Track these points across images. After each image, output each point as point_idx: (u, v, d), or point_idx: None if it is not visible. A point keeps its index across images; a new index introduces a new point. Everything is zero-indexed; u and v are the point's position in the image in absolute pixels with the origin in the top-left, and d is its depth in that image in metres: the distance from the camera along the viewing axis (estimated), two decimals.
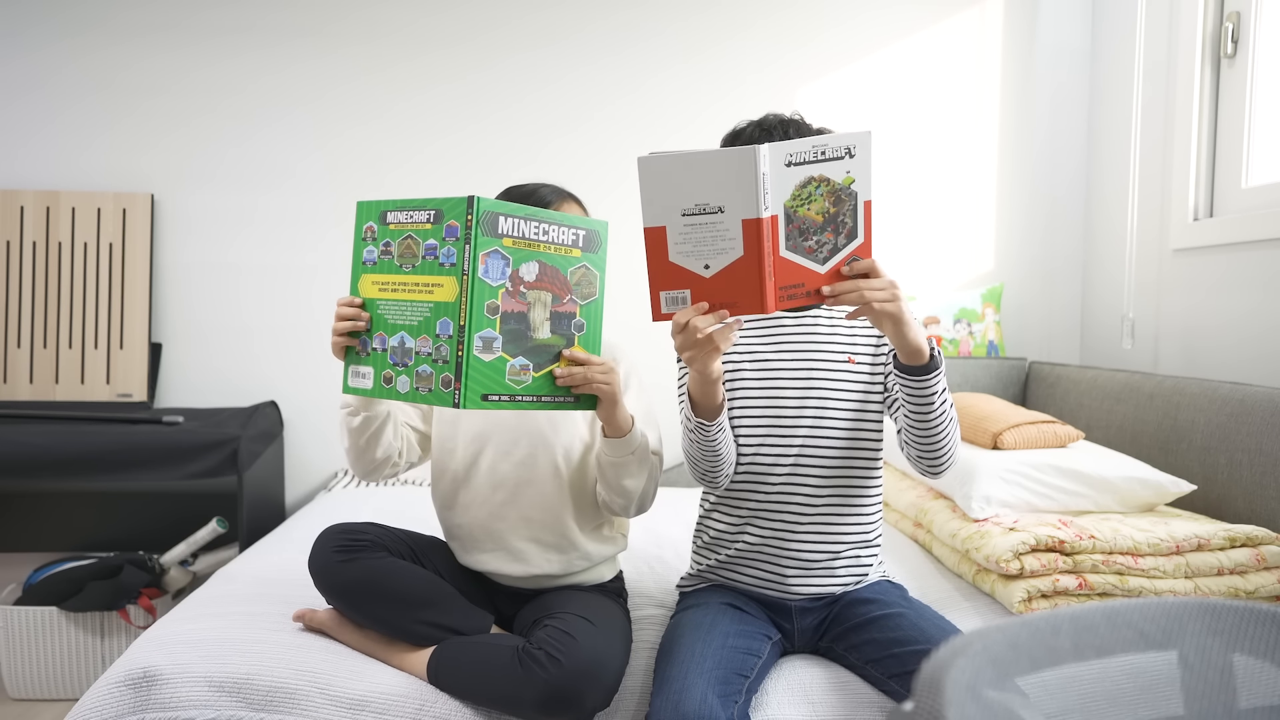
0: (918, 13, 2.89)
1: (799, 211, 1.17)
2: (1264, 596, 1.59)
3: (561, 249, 1.28)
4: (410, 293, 1.26)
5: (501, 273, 1.22)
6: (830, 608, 1.46)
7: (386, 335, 1.29)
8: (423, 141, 2.87)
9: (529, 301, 1.25)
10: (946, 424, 1.33)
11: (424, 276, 1.24)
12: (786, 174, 1.15)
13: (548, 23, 2.87)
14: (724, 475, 1.43)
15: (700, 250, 1.19)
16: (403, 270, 1.27)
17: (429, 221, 1.23)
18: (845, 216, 1.19)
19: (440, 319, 1.22)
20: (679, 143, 2.86)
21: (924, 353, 1.25)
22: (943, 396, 1.30)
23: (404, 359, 1.26)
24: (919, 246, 2.90)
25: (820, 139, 1.16)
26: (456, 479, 1.53)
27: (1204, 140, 2.29)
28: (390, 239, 1.28)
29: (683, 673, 1.25)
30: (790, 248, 1.18)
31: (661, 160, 1.17)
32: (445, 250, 1.22)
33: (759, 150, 1.13)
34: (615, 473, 1.41)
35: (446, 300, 1.21)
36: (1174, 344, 2.37)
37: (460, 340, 1.20)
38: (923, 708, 0.66)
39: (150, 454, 2.36)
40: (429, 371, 1.23)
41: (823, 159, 1.16)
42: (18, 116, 2.80)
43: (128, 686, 1.33)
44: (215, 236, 2.87)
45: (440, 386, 1.22)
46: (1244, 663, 0.76)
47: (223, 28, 2.83)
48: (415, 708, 1.33)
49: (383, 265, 1.29)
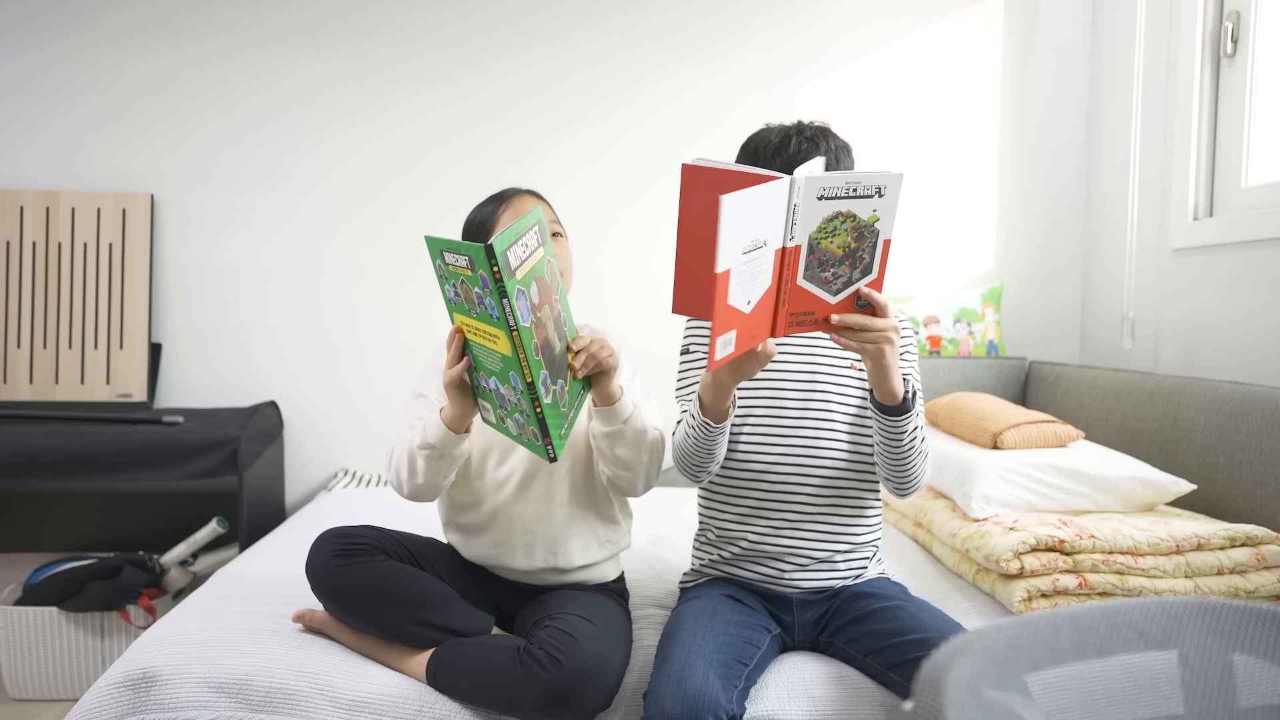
0: (917, 12, 2.89)
1: (822, 244, 1.18)
2: (1264, 596, 1.59)
3: (534, 256, 1.22)
4: (484, 339, 1.23)
5: (527, 311, 1.18)
6: (830, 602, 1.47)
7: (485, 376, 1.28)
8: (418, 140, 2.87)
9: (544, 324, 1.23)
10: (914, 458, 1.39)
11: (484, 325, 1.21)
12: (817, 206, 1.15)
13: (542, 22, 2.87)
14: (709, 472, 1.46)
15: (746, 287, 1.14)
16: (472, 315, 1.23)
17: (468, 268, 1.17)
18: (864, 253, 1.21)
19: (510, 371, 1.21)
20: (674, 142, 2.87)
21: (897, 397, 1.31)
22: (912, 435, 1.36)
23: (504, 404, 1.27)
24: (919, 246, 2.90)
25: (854, 175, 1.16)
26: (464, 478, 1.54)
27: (1204, 140, 2.29)
28: (454, 280, 1.23)
29: (685, 654, 1.26)
30: (808, 277, 1.20)
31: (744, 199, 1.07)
32: (489, 301, 1.16)
33: (796, 181, 1.13)
34: (609, 443, 1.41)
35: (506, 354, 1.19)
36: (1174, 344, 2.37)
37: (534, 399, 1.19)
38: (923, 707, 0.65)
39: (150, 454, 2.36)
40: (521, 420, 1.25)
41: (853, 195, 1.16)
42: (16, 116, 2.80)
43: (127, 687, 1.33)
44: (215, 236, 2.87)
45: (532, 439, 1.24)
46: (1244, 662, 0.76)
47: (219, 27, 2.83)
48: (414, 709, 1.33)
49: (459, 307, 1.25)
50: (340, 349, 2.90)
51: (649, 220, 2.83)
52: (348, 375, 2.90)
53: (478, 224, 1.52)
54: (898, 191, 1.17)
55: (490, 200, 1.53)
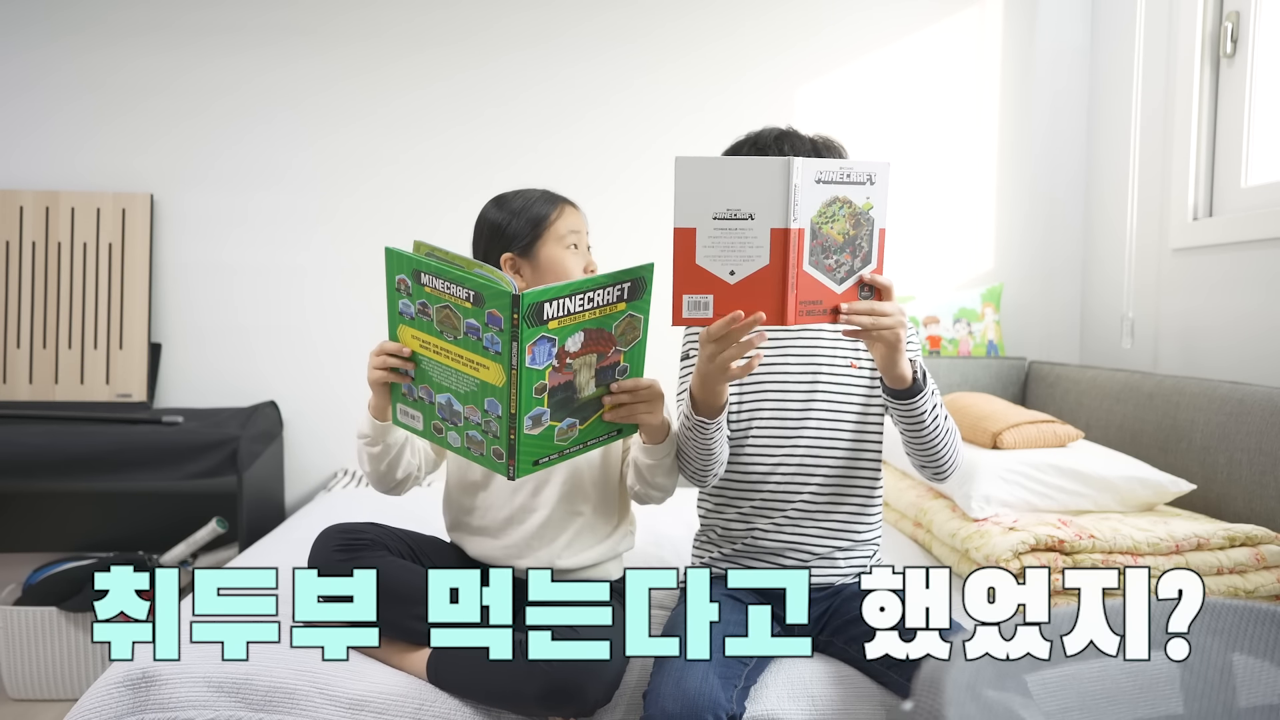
0: (917, 12, 2.89)
1: (823, 229, 1.22)
2: (1264, 596, 1.59)
3: (606, 309, 1.21)
4: (455, 362, 1.22)
5: (548, 355, 1.18)
6: (830, 601, 1.47)
7: (433, 390, 1.27)
8: (416, 139, 2.87)
9: (575, 369, 1.22)
10: (942, 436, 1.39)
11: (468, 352, 1.19)
12: (815, 190, 1.20)
13: (540, 22, 2.87)
14: (713, 475, 1.45)
15: (728, 255, 1.20)
16: (444, 338, 1.22)
17: (468, 301, 1.16)
18: (862, 240, 1.24)
19: (488, 398, 1.20)
20: (671, 141, 2.87)
21: (907, 379, 1.32)
22: (934, 414, 1.36)
23: (452, 419, 1.26)
24: (919, 246, 2.90)
25: (846, 161, 1.21)
26: (476, 487, 1.54)
27: (1203, 140, 2.29)
28: (427, 301, 1.21)
29: (684, 654, 1.25)
30: (813, 263, 1.22)
31: (699, 162, 1.19)
32: (489, 336, 1.16)
33: (794, 162, 1.18)
34: (652, 473, 1.44)
35: (493, 383, 1.18)
36: (1173, 344, 2.37)
37: (511, 426, 1.19)
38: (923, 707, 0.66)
39: (150, 454, 2.36)
40: (479, 438, 1.24)
41: (848, 181, 1.21)
42: (16, 116, 2.80)
43: (127, 687, 1.33)
44: (215, 236, 2.86)
45: (492, 456, 1.23)
46: (1243, 662, 0.77)
47: (218, 27, 2.83)
48: (415, 707, 1.33)
49: (421, 324, 1.24)
50: (340, 349, 2.90)
51: (647, 219, 2.82)
52: (347, 375, 2.90)
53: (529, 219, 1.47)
54: (887, 180, 1.23)
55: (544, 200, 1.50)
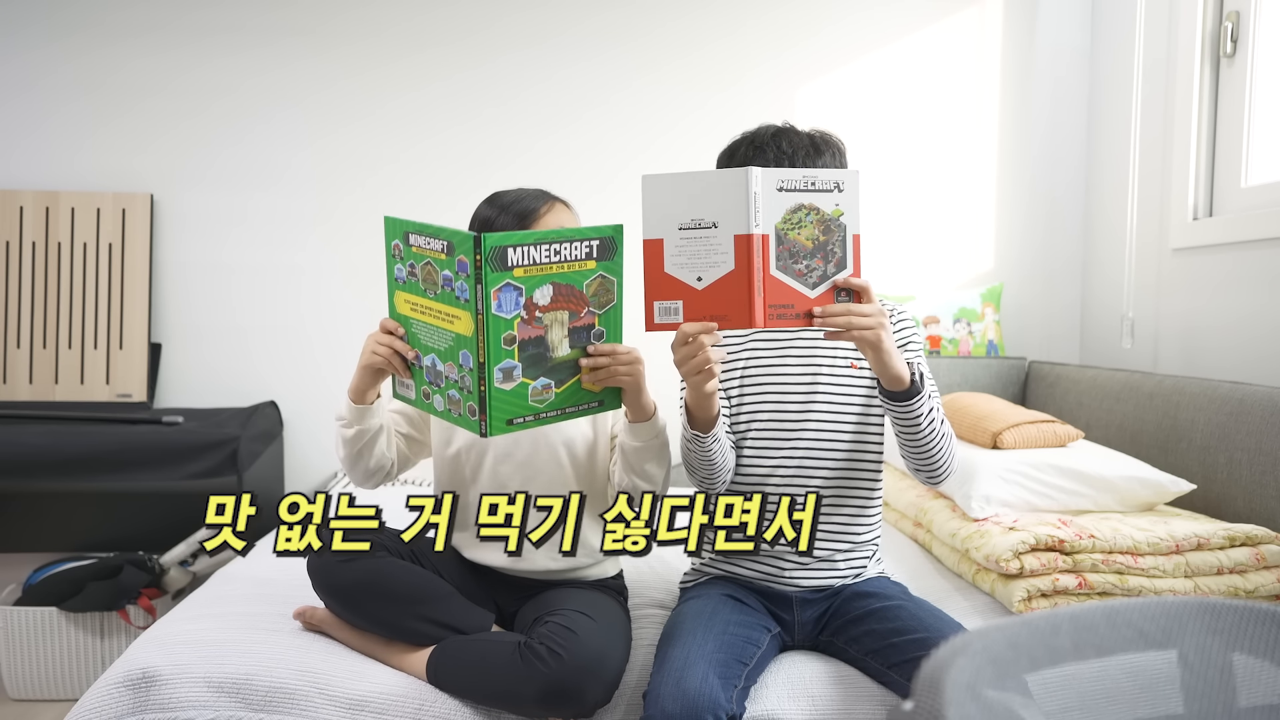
0: (917, 11, 2.89)
1: (789, 235, 1.25)
2: (1264, 596, 1.59)
3: (574, 264, 1.27)
4: (435, 318, 1.27)
5: (515, 304, 1.22)
6: (830, 600, 1.47)
7: (421, 354, 1.31)
8: (415, 139, 2.87)
9: (545, 324, 1.26)
10: (938, 440, 1.38)
11: (444, 306, 1.25)
12: (778, 198, 1.25)
13: (538, 22, 2.87)
14: (721, 482, 1.46)
15: (694, 262, 1.27)
16: (427, 295, 1.27)
17: (443, 252, 1.23)
18: (835, 246, 1.27)
19: (461, 350, 1.24)
20: (670, 142, 2.87)
21: (904, 380, 1.31)
22: (930, 417, 1.36)
23: (436, 380, 1.30)
24: (919, 246, 2.90)
25: (811, 172, 1.26)
26: (462, 485, 1.54)
27: (1203, 139, 2.29)
28: (414, 261, 1.28)
29: (684, 653, 1.26)
30: (780, 268, 1.25)
31: (663, 179, 1.27)
32: (459, 285, 1.21)
33: (751, 171, 1.23)
34: (638, 457, 1.42)
35: (464, 334, 1.22)
36: (1173, 343, 2.37)
37: (481, 377, 1.21)
38: (923, 707, 0.66)
39: (150, 454, 2.36)
40: (457, 397, 1.27)
41: (812, 189, 1.25)
42: (15, 116, 2.80)
43: (127, 687, 1.33)
44: (215, 236, 2.86)
45: (467, 414, 1.25)
46: (1243, 662, 0.77)
47: (217, 27, 2.83)
48: (415, 707, 1.33)
49: (411, 286, 1.30)
50: (340, 349, 2.90)
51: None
52: (347, 375, 2.85)
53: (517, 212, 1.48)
54: (857, 187, 1.26)
55: (535, 196, 1.51)
